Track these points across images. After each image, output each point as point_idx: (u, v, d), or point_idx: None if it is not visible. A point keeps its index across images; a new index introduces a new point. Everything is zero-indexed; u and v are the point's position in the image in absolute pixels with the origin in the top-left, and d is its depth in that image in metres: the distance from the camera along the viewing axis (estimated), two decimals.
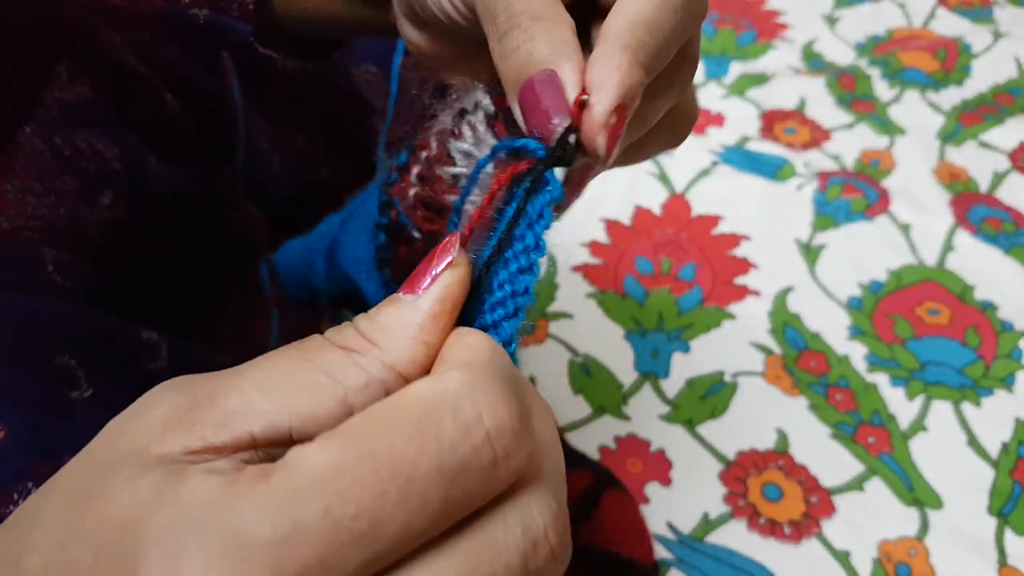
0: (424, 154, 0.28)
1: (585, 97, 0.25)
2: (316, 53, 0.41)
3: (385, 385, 0.20)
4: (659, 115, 0.29)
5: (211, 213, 0.44)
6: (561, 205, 0.24)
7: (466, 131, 0.27)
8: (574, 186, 0.27)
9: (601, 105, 0.25)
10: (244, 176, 0.46)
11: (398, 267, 0.28)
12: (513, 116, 0.27)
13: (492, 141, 0.27)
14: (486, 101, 0.28)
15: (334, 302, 0.46)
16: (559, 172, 0.25)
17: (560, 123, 0.25)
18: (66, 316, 0.33)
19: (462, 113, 0.28)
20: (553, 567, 0.19)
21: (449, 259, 0.22)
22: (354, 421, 0.18)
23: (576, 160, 0.25)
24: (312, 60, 0.41)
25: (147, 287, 0.40)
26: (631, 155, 0.31)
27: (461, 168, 0.27)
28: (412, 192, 0.27)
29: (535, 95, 0.25)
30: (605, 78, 0.25)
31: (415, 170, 0.27)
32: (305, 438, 0.19)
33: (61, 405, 0.32)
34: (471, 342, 0.21)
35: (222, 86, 0.45)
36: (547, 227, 0.23)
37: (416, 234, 0.28)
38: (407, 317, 0.21)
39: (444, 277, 0.22)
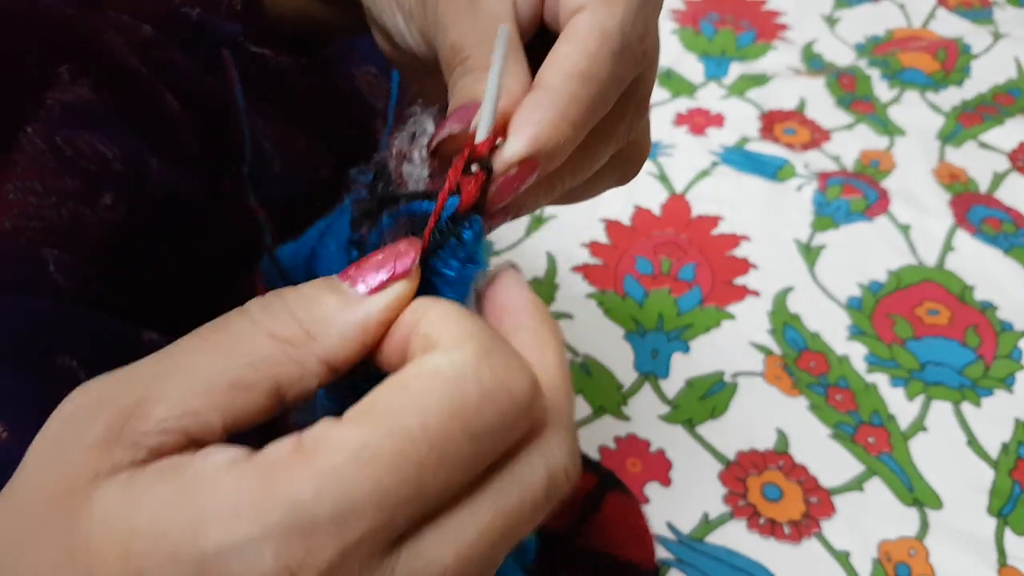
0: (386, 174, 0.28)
1: (499, 141, 0.25)
2: (307, 49, 0.41)
3: (319, 378, 0.21)
4: (602, 160, 0.29)
5: (212, 215, 0.44)
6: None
7: (415, 155, 0.28)
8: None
9: (506, 152, 0.25)
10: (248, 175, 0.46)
11: None
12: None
13: (425, 170, 0.28)
14: (430, 127, 0.28)
15: None
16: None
17: (451, 130, 0.26)
18: (68, 317, 0.33)
19: (413, 137, 0.28)
20: (568, 487, 0.22)
21: (406, 268, 0.22)
22: (380, 399, 0.20)
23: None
24: (303, 56, 0.41)
25: (147, 288, 0.40)
26: (579, 194, 0.31)
27: (413, 190, 0.28)
28: None
29: (453, 117, 0.26)
30: (519, 129, 0.25)
31: (379, 188, 0.28)
32: (239, 428, 0.20)
33: None
34: (449, 313, 0.21)
35: (224, 86, 0.45)
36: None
37: None
38: (351, 316, 0.21)
39: (399, 287, 0.22)
